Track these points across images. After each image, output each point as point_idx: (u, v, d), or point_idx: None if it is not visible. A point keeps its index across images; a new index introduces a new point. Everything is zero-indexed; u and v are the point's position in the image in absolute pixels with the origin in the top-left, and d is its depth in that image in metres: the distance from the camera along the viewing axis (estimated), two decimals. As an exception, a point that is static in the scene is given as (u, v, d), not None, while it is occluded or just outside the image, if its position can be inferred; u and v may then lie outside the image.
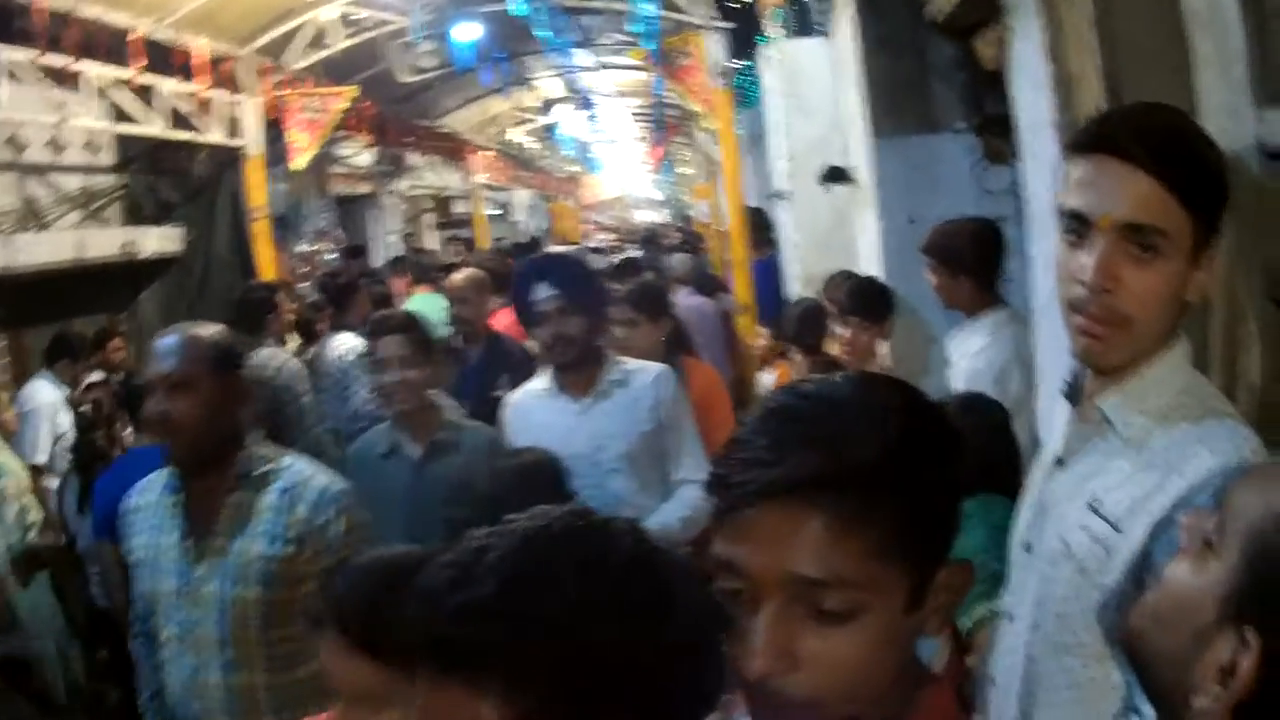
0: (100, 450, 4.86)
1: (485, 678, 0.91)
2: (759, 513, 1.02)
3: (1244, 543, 1.00)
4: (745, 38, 8.84)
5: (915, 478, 1.03)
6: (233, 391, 2.72)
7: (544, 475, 2.98)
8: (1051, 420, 2.22)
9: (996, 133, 4.43)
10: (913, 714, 1.09)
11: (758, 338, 6.46)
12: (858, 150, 5.38)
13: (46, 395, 6.28)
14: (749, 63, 9.13)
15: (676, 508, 3.50)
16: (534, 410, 3.67)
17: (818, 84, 6.88)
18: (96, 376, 6.53)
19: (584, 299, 3.56)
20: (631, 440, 3.54)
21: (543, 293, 3.53)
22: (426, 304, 7.36)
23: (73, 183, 7.75)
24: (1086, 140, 1.60)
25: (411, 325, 3.83)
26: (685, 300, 7.23)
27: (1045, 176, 2.69)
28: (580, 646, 0.92)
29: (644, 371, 3.67)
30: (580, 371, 3.59)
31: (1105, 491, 1.56)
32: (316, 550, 2.62)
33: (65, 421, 6.08)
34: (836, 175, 5.81)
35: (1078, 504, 1.60)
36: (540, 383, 3.74)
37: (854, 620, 1.01)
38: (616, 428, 3.54)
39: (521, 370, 4.79)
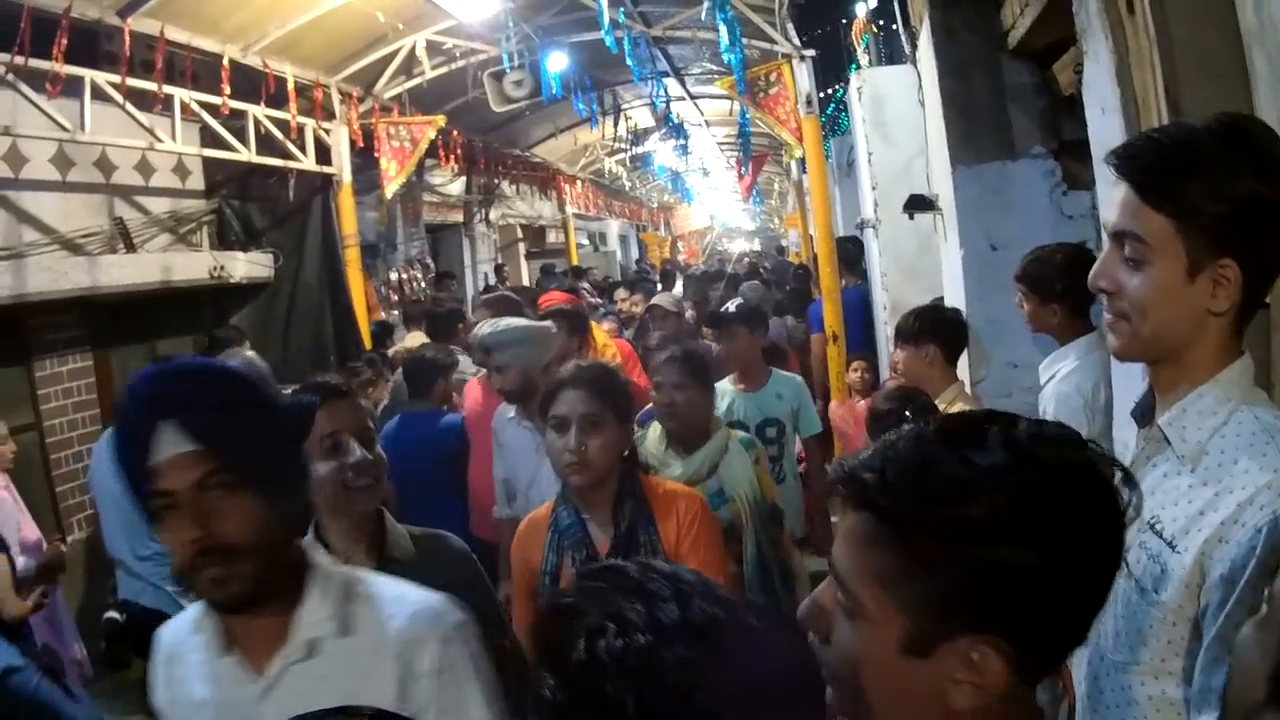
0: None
1: None
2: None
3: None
4: (836, 65, 8.83)
5: (965, 542, 1.04)
6: None
7: None
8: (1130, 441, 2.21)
9: (1075, 157, 4.40)
10: None
11: (853, 370, 6.45)
12: (939, 177, 5.36)
13: None
14: (839, 90, 9.12)
15: None
16: (189, 676, 1.80)
17: (902, 112, 6.89)
18: None
19: (253, 458, 1.67)
20: None
21: (166, 447, 1.62)
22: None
23: (161, 206, 7.89)
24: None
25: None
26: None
27: (1118, 200, 2.67)
28: None
29: (389, 618, 1.79)
30: (255, 615, 1.73)
31: (1163, 509, 1.58)
32: None
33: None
34: (919, 204, 5.77)
35: (1138, 522, 1.61)
36: (204, 626, 1.79)
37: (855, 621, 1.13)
38: None
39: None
